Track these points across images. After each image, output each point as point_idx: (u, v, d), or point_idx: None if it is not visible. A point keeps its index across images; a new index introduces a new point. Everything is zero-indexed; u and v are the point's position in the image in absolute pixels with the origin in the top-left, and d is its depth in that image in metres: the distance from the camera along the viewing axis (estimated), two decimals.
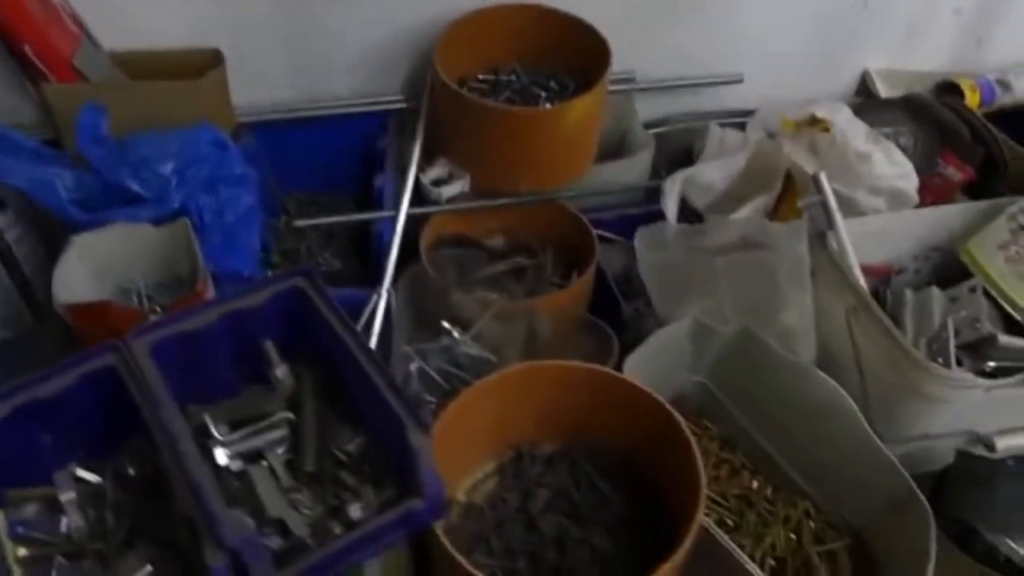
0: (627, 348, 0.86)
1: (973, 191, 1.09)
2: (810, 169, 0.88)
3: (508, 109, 0.89)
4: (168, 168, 0.79)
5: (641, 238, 0.83)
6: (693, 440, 0.60)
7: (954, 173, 1.08)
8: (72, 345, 0.73)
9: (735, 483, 0.78)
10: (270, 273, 0.90)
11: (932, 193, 1.10)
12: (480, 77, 0.98)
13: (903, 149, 1.09)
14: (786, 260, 0.74)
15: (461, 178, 0.92)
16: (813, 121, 0.89)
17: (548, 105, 0.94)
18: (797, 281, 0.75)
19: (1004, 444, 0.78)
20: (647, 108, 1.15)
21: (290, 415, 0.58)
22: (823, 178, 0.83)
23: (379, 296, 0.82)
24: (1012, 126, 1.22)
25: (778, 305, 0.75)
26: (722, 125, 1.16)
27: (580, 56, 0.95)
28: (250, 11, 0.93)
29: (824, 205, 0.83)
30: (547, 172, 0.92)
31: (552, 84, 0.97)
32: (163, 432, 0.51)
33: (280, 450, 0.57)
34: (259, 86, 0.99)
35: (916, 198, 0.90)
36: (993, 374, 0.76)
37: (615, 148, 1.11)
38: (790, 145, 0.91)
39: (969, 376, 0.70)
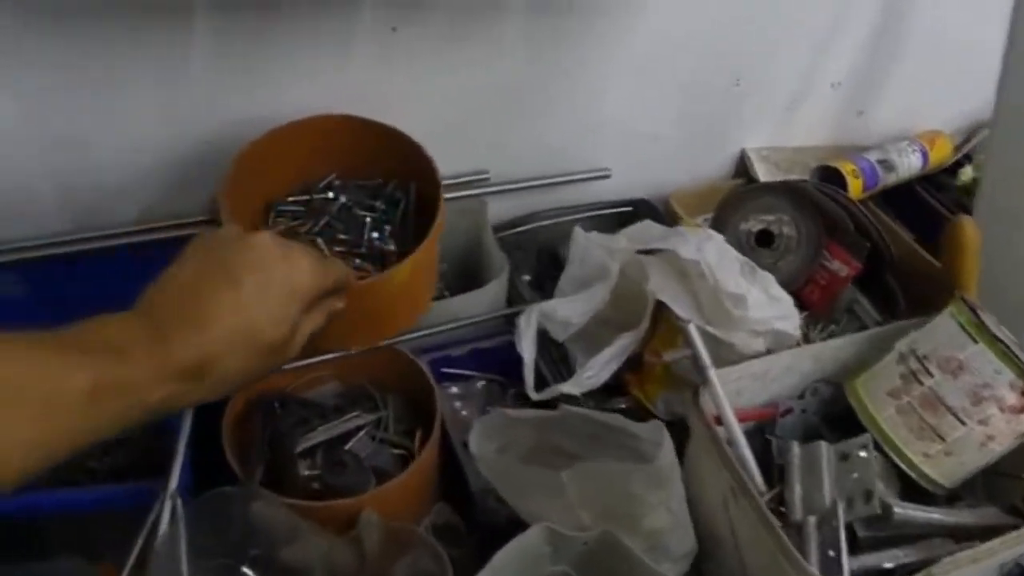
0: (483, 538, 0.73)
1: (861, 281, 1.02)
2: (680, 308, 0.77)
3: None
4: None
5: (479, 431, 0.69)
6: None
7: (840, 267, 1.00)
8: None
9: None
10: None
11: (819, 288, 1.02)
12: (291, 199, 0.82)
13: (786, 238, 1.01)
14: (641, 472, 0.62)
15: None
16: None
17: (376, 234, 0.79)
18: (659, 485, 0.63)
19: None
20: (509, 206, 1.02)
21: None
22: (693, 331, 0.72)
23: (162, 502, 0.65)
24: (898, 204, 1.16)
25: (640, 512, 0.63)
26: (592, 218, 1.06)
27: (408, 170, 0.81)
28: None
29: (695, 360, 0.72)
30: (377, 331, 0.79)
31: (379, 204, 0.82)
32: None
33: None
34: (26, 219, 0.81)
35: (797, 335, 0.80)
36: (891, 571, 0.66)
37: (471, 259, 0.98)
38: (656, 274, 0.79)
39: None
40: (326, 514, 0.67)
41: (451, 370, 0.87)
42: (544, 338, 0.86)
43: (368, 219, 0.81)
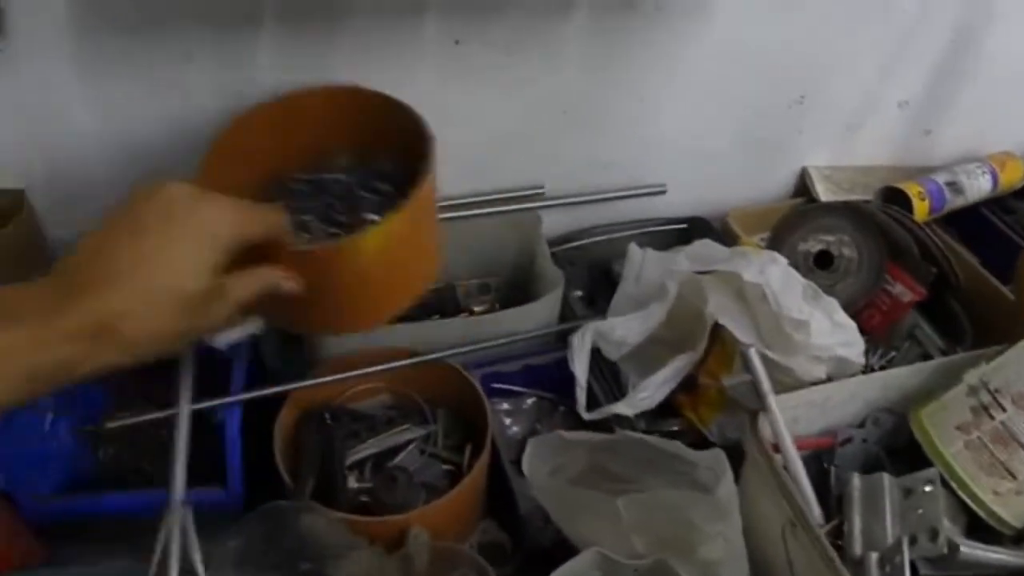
0: (529, 558, 0.73)
1: (923, 305, 0.98)
2: (740, 332, 0.75)
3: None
4: None
5: (532, 452, 0.68)
6: None
7: (904, 292, 0.97)
8: None
9: None
10: None
11: (880, 313, 0.99)
12: (297, 176, 0.77)
13: (847, 260, 0.98)
14: (701, 502, 0.60)
15: (246, 321, 0.66)
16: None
17: (373, 216, 0.72)
18: (718, 516, 0.61)
19: None
20: (563, 220, 1.01)
21: None
22: (754, 356, 0.70)
23: (167, 515, 0.62)
24: (964, 226, 1.12)
25: (696, 542, 0.61)
26: (647, 234, 1.05)
27: (409, 141, 0.73)
28: (62, 132, 0.76)
29: (755, 386, 0.70)
30: (352, 315, 0.71)
31: (383, 186, 0.76)
32: None
33: None
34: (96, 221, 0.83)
35: (861, 362, 0.77)
36: None
37: (524, 273, 0.97)
38: (714, 295, 0.77)
39: None
40: (374, 529, 0.67)
41: (501, 386, 0.86)
42: (596, 356, 0.85)
43: (366, 199, 0.74)
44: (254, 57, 0.75)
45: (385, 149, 0.74)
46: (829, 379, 0.77)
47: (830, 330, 0.74)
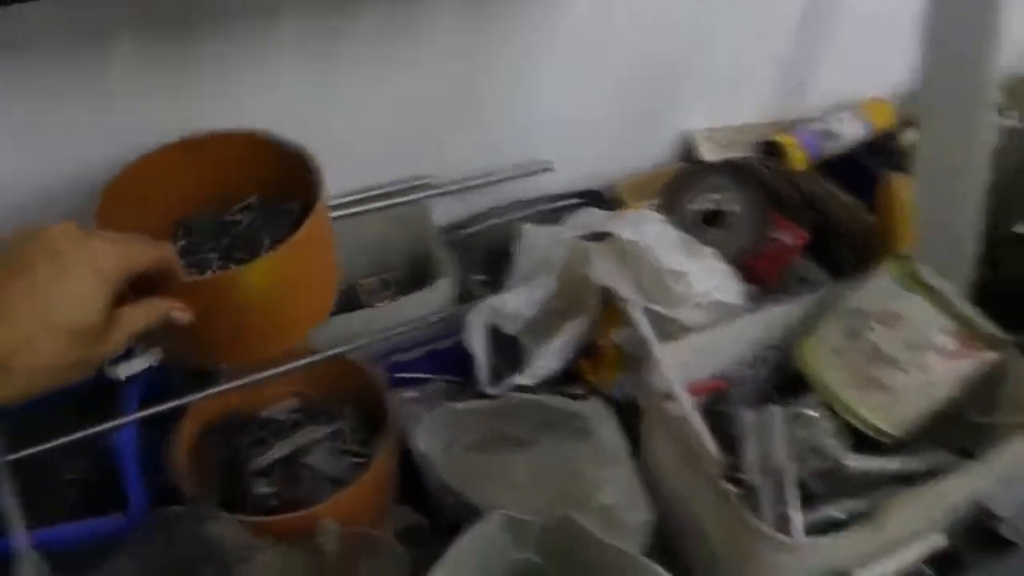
0: (448, 535, 0.74)
1: (815, 251, 1.03)
2: (623, 289, 0.77)
3: None
4: None
5: (425, 427, 0.69)
6: None
7: (788, 238, 1.01)
8: None
9: None
10: None
11: (768, 261, 1.02)
12: (200, 218, 0.79)
13: (734, 215, 1.02)
14: (583, 450, 0.62)
15: (145, 353, 0.74)
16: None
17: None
18: (606, 461, 0.63)
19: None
20: (456, 208, 1.03)
21: None
22: (632, 309, 0.73)
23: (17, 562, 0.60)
24: (845, 172, 1.17)
25: (590, 490, 0.63)
26: (544, 213, 1.07)
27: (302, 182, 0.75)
28: None
29: (640, 337, 0.73)
30: (241, 346, 0.73)
31: (283, 226, 0.76)
32: None
33: None
34: None
35: (739, 304, 0.80)
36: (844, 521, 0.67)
37: (420, 266, 0.98)
38: (599, 260, 0.80)
39: (808, 541, 0.61)
40: (283, 527, 0.67)
41: (406, 374, 0.87)
42: (498, 336, 0.87)
43: (267, 241, 0.76)
44: (109, 70, 0.74)
45: (290, 190, 0.77)
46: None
47: (708, 277, 0.77)
